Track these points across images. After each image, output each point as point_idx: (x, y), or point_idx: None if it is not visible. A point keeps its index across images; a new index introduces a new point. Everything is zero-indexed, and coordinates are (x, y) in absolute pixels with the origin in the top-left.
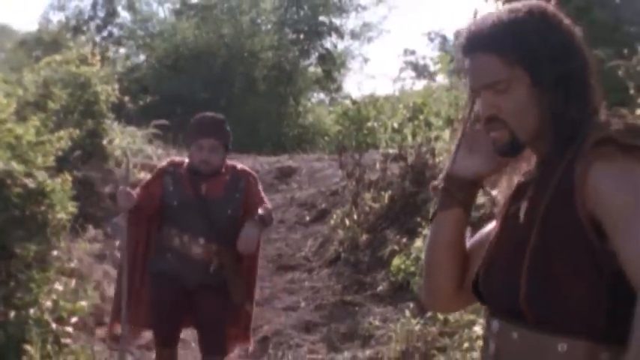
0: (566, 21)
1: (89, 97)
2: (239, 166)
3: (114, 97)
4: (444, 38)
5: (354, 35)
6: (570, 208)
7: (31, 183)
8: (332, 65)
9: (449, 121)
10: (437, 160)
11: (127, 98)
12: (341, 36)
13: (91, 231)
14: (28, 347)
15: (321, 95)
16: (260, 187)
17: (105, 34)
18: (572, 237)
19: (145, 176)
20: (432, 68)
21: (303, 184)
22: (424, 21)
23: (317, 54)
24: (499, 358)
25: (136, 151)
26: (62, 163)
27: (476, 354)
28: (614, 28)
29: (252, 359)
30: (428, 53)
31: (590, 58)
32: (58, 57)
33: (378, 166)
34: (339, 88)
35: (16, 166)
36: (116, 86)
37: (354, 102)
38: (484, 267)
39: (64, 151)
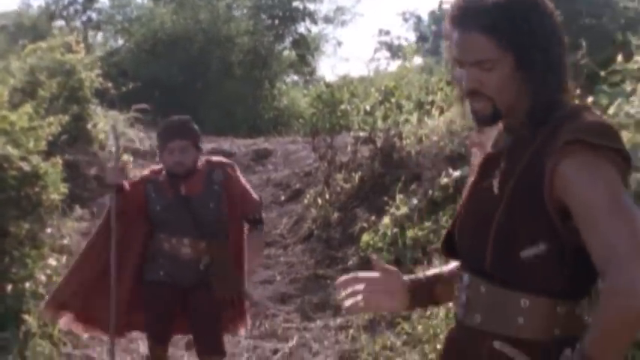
0: (551, 8)
1: (74, 83)
2: (214, 158)
3: (97, 83)
4: (419, 18)
5: (327, 20)
6: (537, 192)
7: (26, 166)
8: (306, 50)
9: (419, 104)
10: (404, 142)
11: (110, 84)
12: (314, 21)
13: (78, 210)
14: (26, 317)
15: (296, 78)
16: (240, 176)
17: (84, 18)
18: (537, 216)
19: (128, 158)
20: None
21: (278, 165)
22: (398, 1)
23: (291, 39)
24: (469, 307)
25: (119, 134)
26: (51, 147)
27: (435, 321)
28: (571, 20)
29: None
30: (402, 33)
31: (565, 43)
32: (43, 44)
33: (349, 148)
34: (312, 72)
35: (12, 151)
36: (99, 71)
37: (327, 85)
38: (458, 228)
39: (54, 136)
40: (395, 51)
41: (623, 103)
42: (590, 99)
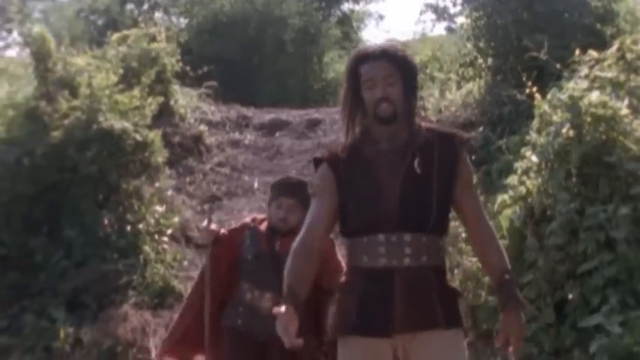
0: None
1: (159, 67)
2: None
3: (177, 67)
4: None
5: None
6: (452, 169)
7: (138, 137)
8: (350, 28)
9: (447, 79)
10: (426, 113)
11: (188, 68)
12: (357, 1)
13: (167, 171)
14: (145, 247)
15: (342, 52)
16: (337, 252)
17: (152, 1)
18: (451, 183)
19: (204, 129)
20: (451, 10)
21: (327, 131)
22: None
23: (336, 18)
24: (414, 254)
25: (194, 108)
26: None
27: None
28: (552, 18)
29: None
30: None
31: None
32: (130, 34)
33: None
34: (356, 47)
35: (127, 125)
36: (178, 57)
37: None
38: (401, 203)
39: (153, 113)
40: (441, 12)
41: (556, 90)
42: (535, 88)
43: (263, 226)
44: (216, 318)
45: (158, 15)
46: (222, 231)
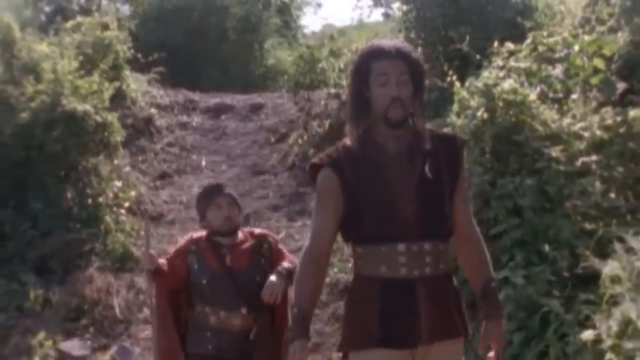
0: None
1: (112, 54)
2: (257, 230)
3: (128, 53)
4: None
5: None
6: (456, 174)
7: (99, 118)
8: (289, 16)
9: None
10: None
11: (139, 55)
12: None
13: (121, 150)
14: (106, 218)
15: (281, 39)
16: (283, 248)
17: None
18: (455, 188)
19: (154, 112)
20: None
21: (269, 115)
22: None
23: (276, 7)
24: (435, 263)
25: (145, 92)
26: None
27: None
28: (476, 12)
29: None
30: None
31: None
32: (85, 22)
33: (322, 102)
34: (295, 36)
35: (88, 108)
36: (130, 44)
37: (308, 46)
38: (415, 210)
39: (110, 96)
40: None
41: (474, 79)
42: (455, 76)
43: (203, 243)
44: (180, 345)
45: (104, 2)
46: (162, 261)
